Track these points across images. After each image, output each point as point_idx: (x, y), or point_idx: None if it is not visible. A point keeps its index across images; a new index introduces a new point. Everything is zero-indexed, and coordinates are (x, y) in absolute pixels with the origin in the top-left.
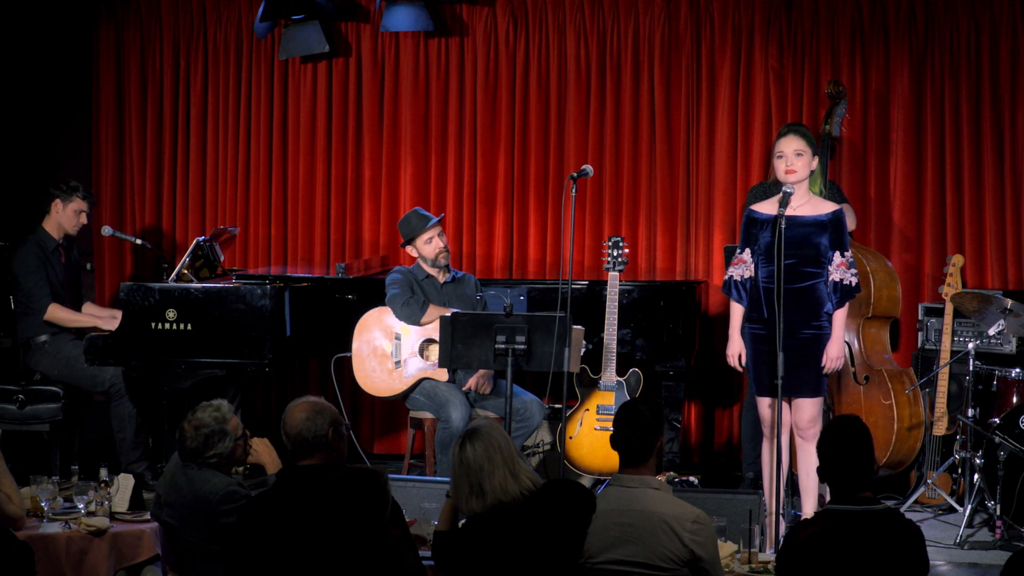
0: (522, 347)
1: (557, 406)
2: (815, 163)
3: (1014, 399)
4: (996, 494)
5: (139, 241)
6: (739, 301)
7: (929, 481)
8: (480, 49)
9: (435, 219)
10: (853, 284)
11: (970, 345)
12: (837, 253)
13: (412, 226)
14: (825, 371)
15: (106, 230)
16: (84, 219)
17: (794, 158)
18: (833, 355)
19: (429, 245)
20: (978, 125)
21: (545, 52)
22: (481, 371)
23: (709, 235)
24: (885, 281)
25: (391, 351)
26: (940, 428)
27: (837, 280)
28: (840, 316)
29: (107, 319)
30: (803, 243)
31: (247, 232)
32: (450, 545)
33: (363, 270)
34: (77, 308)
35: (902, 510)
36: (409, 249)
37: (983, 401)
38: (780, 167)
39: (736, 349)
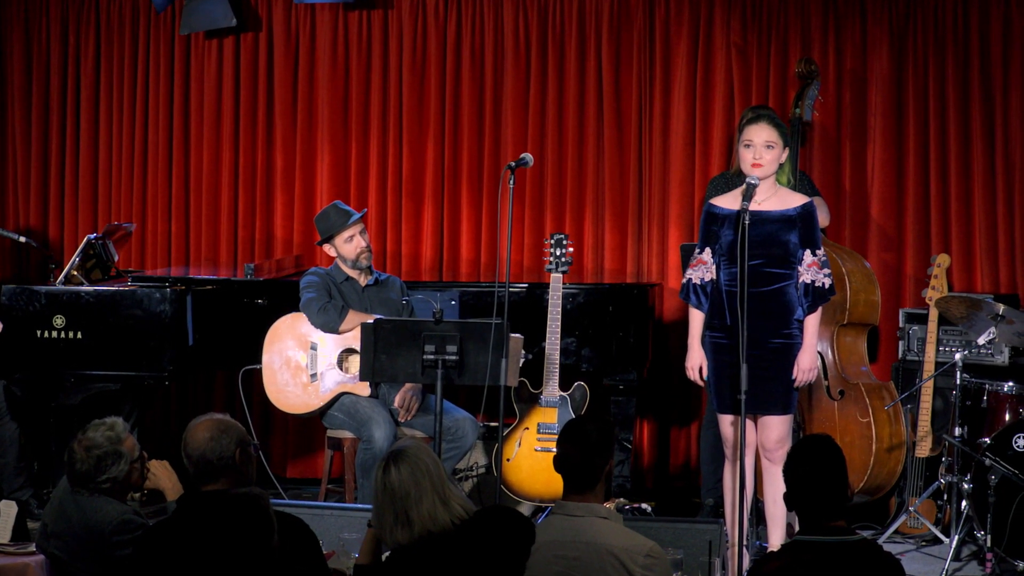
0: (453, 358)
1: (493, 424)
2: (784, 156)
3: (1006, 416)
4: (986, 523)
5: (23, 239)
6: (698, 307)
7: (911, 508)
8: (406, 23)
9: (357, 215)
10: (826, 286)
11: (957, 356)
12: (808, 252)
13: (331, 222)
14: (796, 384)
15: None
16: None
17: (763, 150)
18: (805, 366)
19: (349, 244)
20: (966, 109)
21: (480, 27)
22: (407, 385)
23: (664, 232)
24: (862, 284)
25: (306, 363)
26: (924, 449)
27: (808, 282)
28: (812, 322)
29: None
30: (770, 241)
31: (144, 228)
32: None
33: (275, 271)
34: None
35: (880, 541)
36: (327, 248)
37: (972, 419)
38: (747, 157)
39: (696, 361)
